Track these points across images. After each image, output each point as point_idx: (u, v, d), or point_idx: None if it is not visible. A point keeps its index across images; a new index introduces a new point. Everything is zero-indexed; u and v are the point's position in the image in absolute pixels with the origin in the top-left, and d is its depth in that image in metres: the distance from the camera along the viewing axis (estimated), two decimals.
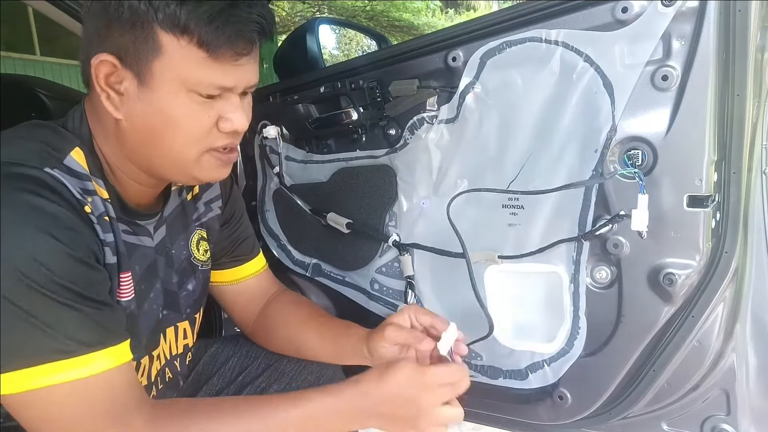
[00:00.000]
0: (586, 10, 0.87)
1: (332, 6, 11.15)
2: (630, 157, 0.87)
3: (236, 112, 0.75)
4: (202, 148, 0.75)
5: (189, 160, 0.76)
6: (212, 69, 0.70)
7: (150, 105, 0.71)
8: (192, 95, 0.71)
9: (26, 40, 7.13)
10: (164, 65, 0.69)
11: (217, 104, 0.73)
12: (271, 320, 1.07)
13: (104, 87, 0.72)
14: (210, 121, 0.74)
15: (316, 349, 1.01)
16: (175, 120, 0.72)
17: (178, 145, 0.74)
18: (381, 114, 1.14)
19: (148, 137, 0.74)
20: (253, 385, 1.04)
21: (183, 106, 0.71)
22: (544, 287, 1.03)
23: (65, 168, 0.71)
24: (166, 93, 0.70)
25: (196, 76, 0.70)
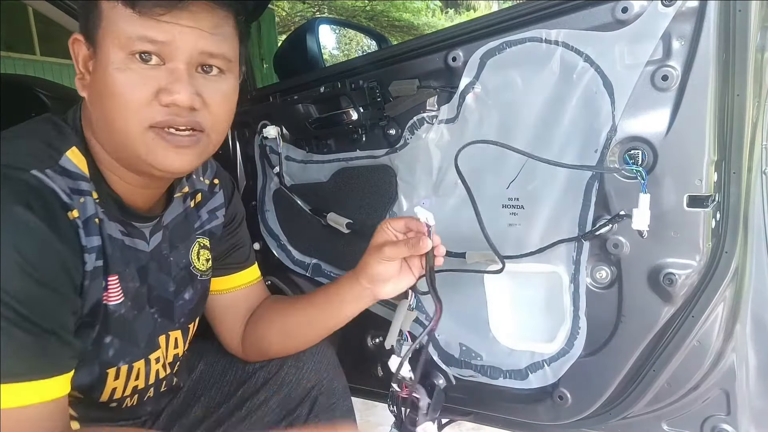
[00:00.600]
0: (586, 10, 0.87)
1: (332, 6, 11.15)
2: (630, 157, 0.87)
3: (177, 82, 0.70)
4: (143, 122, 0.71)
5: (133, 137, 0.71)
6: (141, 22, 0.68)
7: (98, 76, 0.71)
8: (132, 62, 0.69)
9: (26, 40, 7.13)
10: (105, 31, 0.70)
11: (158, 73, 0.70)
12: (261, 323, 1.04)
13: (81, 68, 0.73)
14: (148, 90, 0.70)
15: (320, 322, 0.98)
16: (114, 90, 0.69)
17: (120, 119, 0.71)
18: (381, 114, 1.14)
19: (100, 113, 0.73)
20: (253, 400, 1.02)
21: (122, 74, 0.69)
22: (544, 287, 1.03)
23: (59, 168, 0.71)
24: (109, 61, 0.69)
25: (126, 31, 0.68)
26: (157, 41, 0.69)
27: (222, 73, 0.76)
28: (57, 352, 0.66)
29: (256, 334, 1.04)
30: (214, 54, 0.73)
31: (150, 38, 0.68)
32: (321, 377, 1.05)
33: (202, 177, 1.00)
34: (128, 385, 0.85)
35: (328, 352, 1.07)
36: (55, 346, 0.66)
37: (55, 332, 0.65)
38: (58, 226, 0.67)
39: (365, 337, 1.28)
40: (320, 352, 1.06)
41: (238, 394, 1.04)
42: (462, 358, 1.11)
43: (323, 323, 0.99)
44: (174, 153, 0.73)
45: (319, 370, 1.05)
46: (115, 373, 0.82)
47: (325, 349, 1.07)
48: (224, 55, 0.74)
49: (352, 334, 1.30)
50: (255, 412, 1.02)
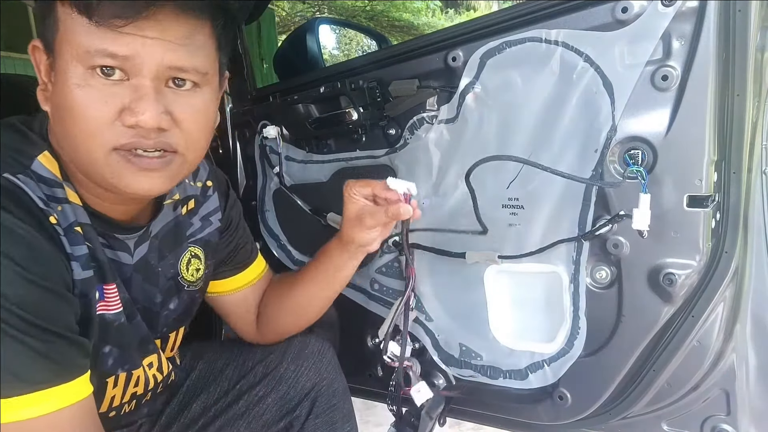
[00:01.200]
0: (586, 10, 0.87)
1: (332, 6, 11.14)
2: (630, 157, 0.87)
3: (141, 100, 0.63)
4: (106, 144, 0.64)
5: (96, 158, 0.65)
6: (98, 33, 0.61)
7: (57, 90, 0.64)
8: (92, 77, 0.63)
9: (26, 40, 7.10)
10: (61, 40, 0.63)
11: (121, 90, 0.63)
12: (271, 305, 1.07)
13: (43, 77, 0.68)
14: (110, 109, 0.63)
15: (320, 292, 1.03)
16: (73, 107, 0.63)
17: (82, 139, 0.64)
18: (381, 114, 1.14)
19: (62, 130, 0.67)
20: (250, 394, 1.02)
21: (81, 90, 0.62)
22: (544, 287, 1.03)
23: (32, 174, 0.66)
24: (67, 74, 0.63)
25: (83, 44, 0.61)
26: (118, 55, 0.62)
27: (196, 87, 0.69)
28: (71, 353, 0.64)
29: (269, 316, 1.07)
30: (184, 68, 0.66)
31: (110, 52, 0.62)
32: (321, 378, 1.05)
33: (193, 181, 0.96)
34: (127, 391, 0.85)
35: (328, 353, 1.07)
36: (67, 348, 0.64)
37: (64, 335, 0.63)
38: (44, 227, 0.64)
39: (365, 338, 1.28)
40: (320, 353, 1.06)
41: (236, 388, 1.04)
42: (462, 358, 1.11)
43: (326, 292, 1.03)
44: (142, 176, 0.67)
45: (319, 370, 1.05)
46: (113, 382, 0.82)
47: (325, 350, 1.07)
48: (197, 68, 0.67)
49: (352, 334, 1.30)
50: (253, 408, 1.01)
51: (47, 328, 0.61)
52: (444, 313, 1.13)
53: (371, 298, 1.23)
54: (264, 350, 1.07)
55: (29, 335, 0.59)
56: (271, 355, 1.06)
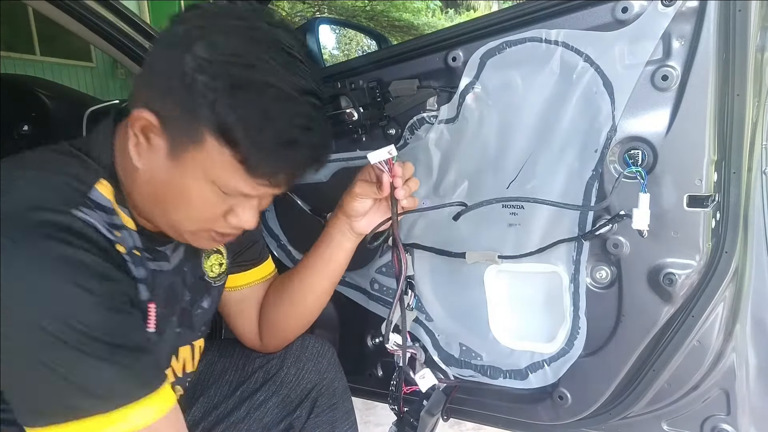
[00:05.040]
0: (586, 10, 0.87)
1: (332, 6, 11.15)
2: (630, 157, 0.87)
3: (248, 212, 0.74)
4: (203, 227, 0.75)
5: (186, 230, 0.75)
6: (245, 182, 0.69)
7: (171, 176, 0.70)
8: (213, 188, 0.70)
9: (26, 40, 7.13)
10: (199, 157, 0.67)
11: (233, 200, 0.73)
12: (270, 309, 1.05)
13: (137, 133, 0.70)
14: (220, 211, 0.73)
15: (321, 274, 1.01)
16: (187, 199, 0.71)
17: (182, 217, 0.73)
18: (381, 114, 1.14)
19: (157, 196, 0.73)
20: (252, 399, 1.02)
21: (200, 191, 0.70)
22: (544, 287, 1.03)
23: (91, 203, 0.69)
24: (191, 177, 0.69)
25: (224, 180, 0.69)
26: (250, 195, 0.72)
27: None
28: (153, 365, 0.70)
29: (269, 320, 1.05)
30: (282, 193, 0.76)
31: (245, 193, 0.71)
32: (321, 378, 1.05)
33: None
34: None
35: (327, 353, 1.07)
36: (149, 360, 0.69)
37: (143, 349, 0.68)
38: (112, 256, 0.68)
39: (365, 338, 1.28)
40: (320, 354, 1.06)
41: (236, 394, 1.03)
42: (462, 358, 1.11)
43: (324, 275, 1.01)
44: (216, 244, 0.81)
45: (319, 371, 1.05)
46: None
47: (325, 350, 1.07)
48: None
49: (352, 334, 1.30)
50: (254, 412, 1.01)
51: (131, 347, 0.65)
52: (444, 313, 1.13)
53: (371, 298, 1.23)
54: (264, 355, 1.07)
55: (119, 355, 0.63)
56: (272, 361, 1.05)
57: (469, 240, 1.04)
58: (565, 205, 0.92)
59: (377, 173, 0.92)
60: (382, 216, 0.96)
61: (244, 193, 0.71)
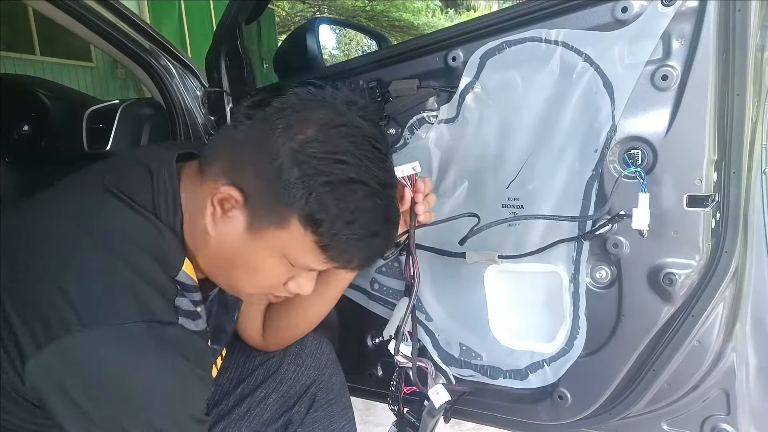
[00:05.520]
0: (586, 10, 0.87)
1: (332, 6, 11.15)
2: (630, 157, 0.87)
3: (308, 282, 0.79)
4: (263, 292, 0.80)
5: (245, 293, 0.80)
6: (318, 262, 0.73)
7: (245, 248, 0.72)
8: (284, 260, 0.73)
9: (26, 40, 7.13)
10: (279, 236, 0.70)
11: (297, 271, 0.76)
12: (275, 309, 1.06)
13: (215, 203, 0.71)
14: (282, 279, 0.77)
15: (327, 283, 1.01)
16: (256, 269, 0.74)
17: (246, 283, 0.77)
18: (381, 114, 1.14)
19: (226, 263, 0.75)
20: (252, 396, 1.03)
21: (269, 263, 0.73)
22: (544, 287, 1.03)
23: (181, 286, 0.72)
24: (265, 252, 0.72)
25: (299, 258, 0.72)
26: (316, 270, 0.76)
27: None
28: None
29: (275, 323, 1.06)
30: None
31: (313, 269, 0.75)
32: (320, 373, 1.06)
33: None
34: None
35: (326, 349, 1.08)
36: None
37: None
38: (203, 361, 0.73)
39: (365, 337, 1.28)
40: (319, 350, 1.07)
41: (237, 392, 1.04)
42: (462, 358, 1.10)
43: (333, 282, 1.02)
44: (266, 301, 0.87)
45: (318, 367, 1.06)
46: None
47: (323, 346, 1.08)
48: None
49: (352, 334, 1.30)
50: (255, 408, 1.03)
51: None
52: (444, 312, 1.13)
53: (371, 298, 1.23)
54: (264, 353, 1.08)
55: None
56: (272, 358, 1.06)
57: (469, 240, 1.04)
58: (565, 217, 0.93)
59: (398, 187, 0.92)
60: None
61: (312, 269, 0.75)
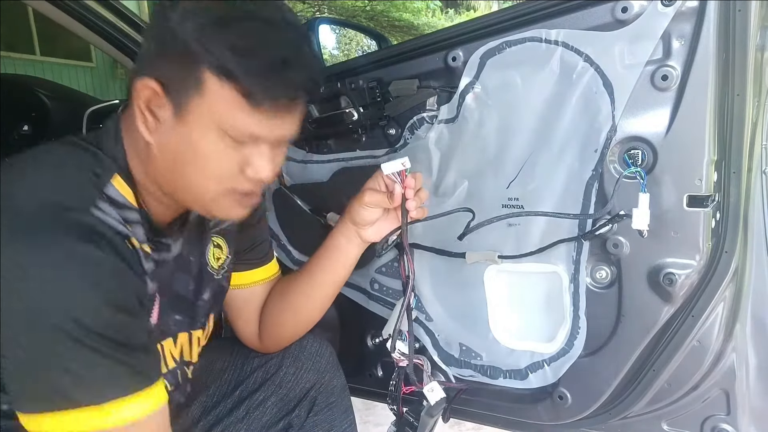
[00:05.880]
0: (586, 10, 0.87)
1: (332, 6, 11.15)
2: (630, 157, 0.87)
3: (263, 161, 0.74)
4: (223, 188, 0.75)
5: (208, 197, 0.76)
6: (250, 118, 0.70)
7: (181, 138, 0.71)
8: (223, 136, 0.71)
9: (26, 40, 7.13)
10: (202, 103, 0.69)
11: (246, 150, 0.73)
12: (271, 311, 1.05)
13: (143, 110, 0.71)
14: (236, 164, 0.73)
15: (324, 279, 1.01)
16: (201, 157, 0.72)
17: (201, 181, 0.74)
18: (381, 114, 1.14)
19: (174, 167, 0.74)
20: (251, 399, 1.02)
21: (212, 145, 0.71)
22: (544, 287, 1.03)
23: (107, 198, 0.71)
24: (199, 130, 0.70)
25: (231, 121, 0.69)
26: (259, 137, 0.72)
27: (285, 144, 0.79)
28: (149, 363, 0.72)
29: (269, 322, 1.05)
30: (292, 136, 0.77)
31: (254, 134, 0.71)
32: (320, 377, 1.05)
33: None
34: None
35: (326, 352, 1.07)
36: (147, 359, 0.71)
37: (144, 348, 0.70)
38: (124, 255, 0.69)
39: (365, 338, 1.28)
40: (318, 353, 1.06)
41: (236, 394, 1.04)
42: (462, 358, 1.11)
43: (327, 279, 1.01)
44: (242, 209, 0.79)
45: (318, 370, 1.05)
46: None
47: (323, 349, 1.07)
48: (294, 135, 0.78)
49: (352, 335, 1.30)
50: (253, 411, 1.02)
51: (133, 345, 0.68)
52: (444, 312, 1.13)
53: (371, 298, 1.23)
54: (263, 355, 1.07)
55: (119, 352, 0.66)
56: (271, 360, 1.05)
57: (469, 240, 1.04)
58: (566, 215, 0.93)
59: (388, 183, 0.92)
60: (390, 224, 0.96)
61: (253, 135, 0.71)
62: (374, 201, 0.92)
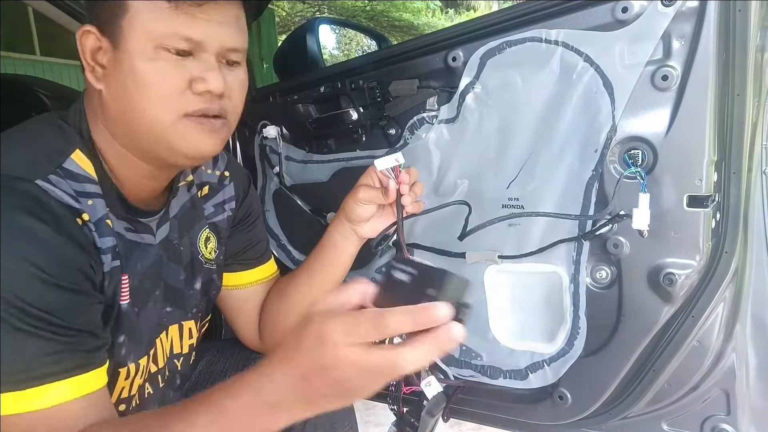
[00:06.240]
0: (586, 10, 0.87)
1: (332, 6, 11.15)
2: (630, 157, 0.87)
3: (210, 71, 0.71)
4: (176, 111, 0.71)
5: (165, 126, 0.72)
6: (175, 18, 0.68)
7: (122, 67, 0.70)
8: (161, 52, 0.69)
9: (26, 40, 7.13)
10: (131, 22, 0.68)
11: (189, 63, 0.70)
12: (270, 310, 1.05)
13: (89, 61, 0.72)
14: (181, 80, 0.70)
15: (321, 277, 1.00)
16: (144, 80, 0.69)
17: (151, 108, 0.71)
18: (381, 114, 1.14)
19: (124, 104, 0.72)
20: None
21: (152, 64, 0.69)
22: (544, 287, 1.03)
23: (64, 172, 0.70)
24: (135, 52, 0.69)
25: (159, 27, 0.68)
26: (192, 39, 0.69)
27: (239, 65, 0.77)
28: (90, 347, 0.68)
29: (269, 321, 1.05)
30: (237, 48, 0.74)
31: (185, 36, 0.69)
32: None
33: (210, 169, 0.99)
34: (134, 383, 0.85)
35: None
36: (87, 342, 0.68)
37: (85, 330, 0.67)
38: (67, 229, 0.67)
39: None
40: None
41: None
42: (462, 358, 1.11)
43: (325, 278, 1.00)
44: (208, 137, 0.74)
45: None
46: (125, 373, 0.82)
47: None
48: (243, 48, 0.76)
49: None
50: None
51: (68, 326, 0.65)
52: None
53: None
54: (263, 355, 1.05)
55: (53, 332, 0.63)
56: None
57: (469, 240, 1.04)
58: (566, 215, 0.93)
59: (382, 179, 0.91)
60: (386, 220, 0.96)
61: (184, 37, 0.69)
62: (368, 197, 0.92)
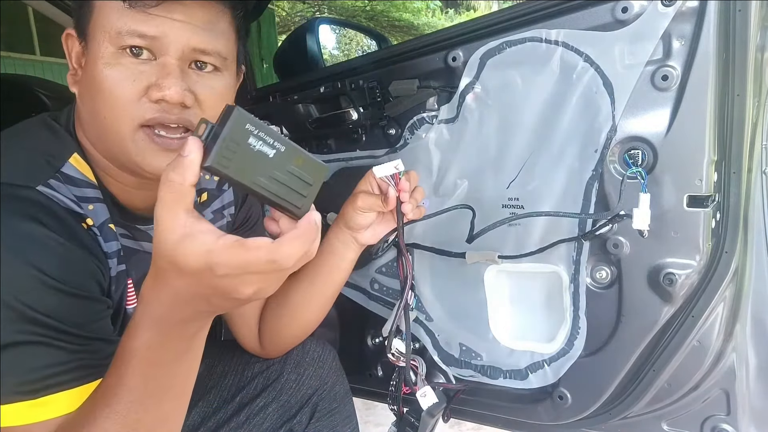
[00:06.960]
0: (586, 10, 0.87)
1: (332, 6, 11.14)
2: (630, 157, 0.87)
3: (167, 77, 0.67)
4: (132, 121, 0.68)
5: (123, 136, 0.69)
6: (130, 15, 0.66)
7: (88, 71, 0.69)
8: (121, 57, 0.67)
9: (26, 40, 7.13)
10: (95, 25, 0.68)
11: (148, 68, 0.68)
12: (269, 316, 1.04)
13: (74, 64, 0.72)
14: (137, 86, 0.67)
15: (322, 282, 0.99)
16: (103, 84, 0.67)
17: (109, 116, 0.68)
18: (381, 114, 1.14)
19: (90, 109, 0.70)
20: (251, 405, 1.01)
21: (111, 68, 0.67)
22: (544, 287, 1.03)
23: (63, 177, 0.69)
24: (98, 55, 0.67)
25: (116, 25, 0.66)
26: (147, 35, 0.67)
27: (217, 71, 0.73)
28: (105, 354, 0.66)
29: (269, 327, 1.04)
30: (207, 50, 0.70)
31: (140, 32, 0.66)
32: (322, 383, 1.04)
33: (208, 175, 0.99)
34: None
35: (329, 357, 1.06)
36: (102, 349, 0.66)
37: (97, 336, 0.66)
38: (74, 234, 0.66)
39: (365, 338, 1.28)
40: (321, 359, 1.05)
41: (236, 400, 1.02)
42: (462, 358, 1.11)
43: (325, 284, 0.99)
44: (164, 156, 0.70)
45: (320, 376, 1.04)
46: None
47: (325, 355, 1.06)
48: (218, 52, 0.72)
49: (352, 335, 1.30)
50: (253, 418, 1.00)
51: (78, 334, 0.63)
52: (444, 313, 1.13)
53: (371, 298, 1.23)
54: (264, 360, 1.06)
55: (60, 340, 0.61)
56: (272, 366, 1.04)
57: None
58: (567, 214, 0.93)
59: (381, 185, 0.91)
60: (386, 227, 0.95)
61: (139, 33, 0.66)
62: (367, 205, 0.91)
